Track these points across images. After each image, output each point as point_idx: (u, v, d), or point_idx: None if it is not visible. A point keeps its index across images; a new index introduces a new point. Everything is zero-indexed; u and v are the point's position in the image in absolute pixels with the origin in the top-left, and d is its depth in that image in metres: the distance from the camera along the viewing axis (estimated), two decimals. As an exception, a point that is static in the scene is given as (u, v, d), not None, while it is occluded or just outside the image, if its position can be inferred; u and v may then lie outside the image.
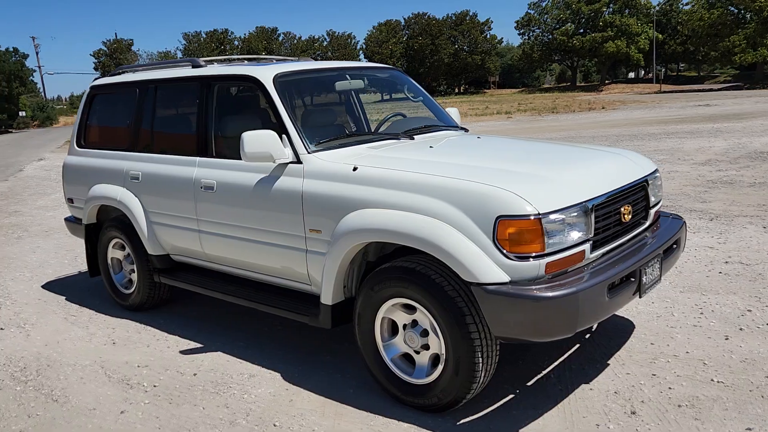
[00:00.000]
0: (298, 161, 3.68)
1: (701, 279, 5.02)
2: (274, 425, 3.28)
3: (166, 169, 4.50)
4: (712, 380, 3.43)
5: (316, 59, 5.66)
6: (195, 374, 3.93)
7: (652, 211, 3.69)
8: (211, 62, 4.70)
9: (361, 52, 69.64)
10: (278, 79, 3.99)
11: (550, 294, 2.81)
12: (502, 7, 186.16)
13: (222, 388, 3.73)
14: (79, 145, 5.41)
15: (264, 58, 5.28)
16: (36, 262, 6.94)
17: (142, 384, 3.84)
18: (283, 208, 3.70)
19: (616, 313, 4.40)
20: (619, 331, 4.15)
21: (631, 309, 4.47)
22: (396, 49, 67.99)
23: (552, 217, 2.89)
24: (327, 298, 3.56)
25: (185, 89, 4.60)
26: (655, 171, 3.80)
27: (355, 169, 3.47)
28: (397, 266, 3.25)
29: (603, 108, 29.84)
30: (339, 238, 3.39)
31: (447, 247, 2.95)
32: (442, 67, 68.40)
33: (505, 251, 2.87)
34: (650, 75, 67.55)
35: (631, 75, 77.14)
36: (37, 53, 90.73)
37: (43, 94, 70.71)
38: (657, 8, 63.44)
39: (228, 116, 4.34)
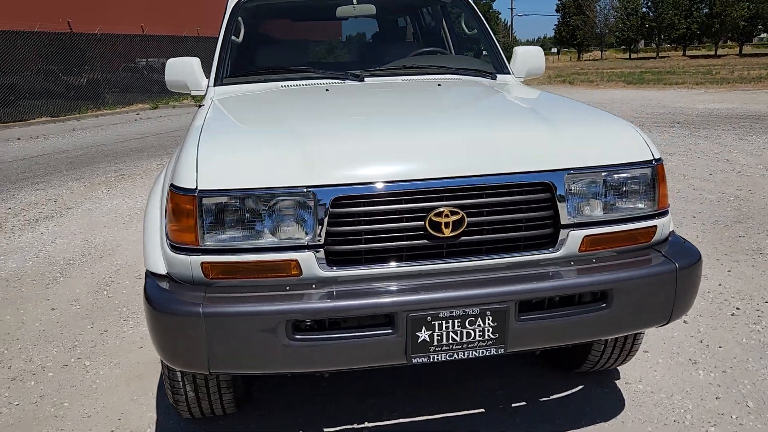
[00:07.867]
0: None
1: None
2: (43, 368, 3.20)
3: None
4: None
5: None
6: (81, 308, 4.02)
7: (574, 233, 2.12)
8: None
9: None
10: (243, 4, 3.72)
11: (169, 306, 1.99)
12: None
13: (81, 326, 3.72)
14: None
15: None
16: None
17: (51, 299, 4.12)
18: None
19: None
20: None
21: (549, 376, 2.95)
22: None
23: (218, 199, 1.97)
24: None
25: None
26: (620, 167, 2.15)
27: (199, 107, 3.07)
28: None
29: None
30: None
31: (147, 219, 2.35)
32: None
33: (167, 234, 2.12)
34: None
35: None
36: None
37: (513, 34, 79.97)
38: None
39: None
